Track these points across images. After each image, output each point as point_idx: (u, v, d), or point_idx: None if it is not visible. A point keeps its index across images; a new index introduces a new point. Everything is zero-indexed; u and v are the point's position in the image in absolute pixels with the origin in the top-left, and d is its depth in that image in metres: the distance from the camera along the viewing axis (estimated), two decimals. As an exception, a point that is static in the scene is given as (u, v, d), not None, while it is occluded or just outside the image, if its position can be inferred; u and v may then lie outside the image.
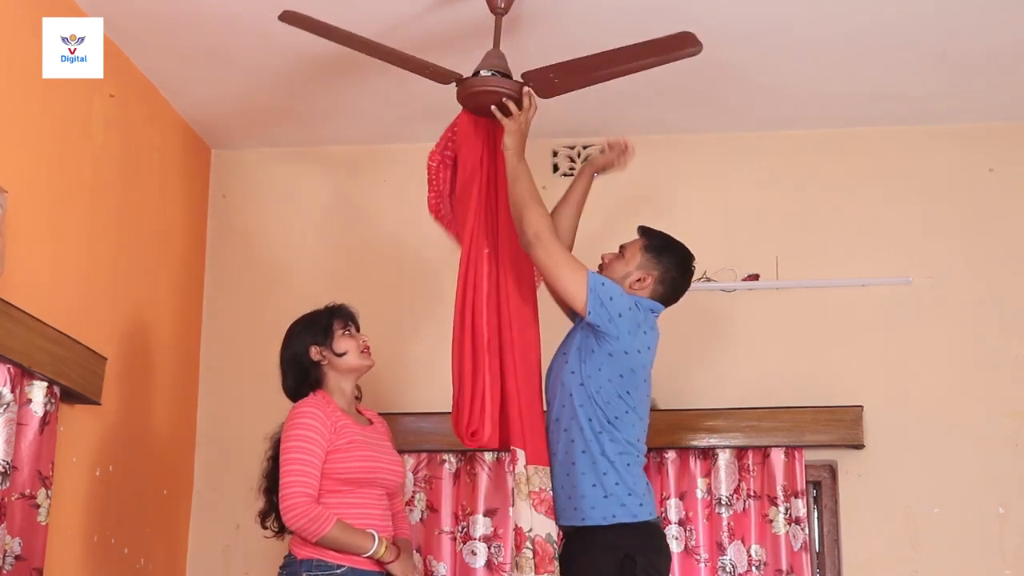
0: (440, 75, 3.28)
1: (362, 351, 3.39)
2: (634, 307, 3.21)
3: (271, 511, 3.31)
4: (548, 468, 3.20)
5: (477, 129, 3.38)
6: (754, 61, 3.85)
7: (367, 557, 3.17)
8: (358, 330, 3.44)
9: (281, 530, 3.30)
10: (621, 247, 3.37)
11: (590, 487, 3.13)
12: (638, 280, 3.30)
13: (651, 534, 3.17)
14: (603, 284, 3.18)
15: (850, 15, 3.59)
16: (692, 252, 3.39)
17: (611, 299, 3.16)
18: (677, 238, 3.40)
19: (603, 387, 3.18)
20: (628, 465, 3.16)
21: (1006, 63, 3.85)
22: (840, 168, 4.34)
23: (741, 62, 3.84)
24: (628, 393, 3.20)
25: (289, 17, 3.17)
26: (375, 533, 3.19)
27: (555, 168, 4.38)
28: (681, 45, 3.11)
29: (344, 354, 3.36)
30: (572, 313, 3.36)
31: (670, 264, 3.33)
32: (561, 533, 3.26)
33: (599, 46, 3.53)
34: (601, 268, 3.35)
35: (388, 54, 3.25)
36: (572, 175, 4.25)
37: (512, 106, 3.24)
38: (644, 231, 3.38)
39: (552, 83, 3.27)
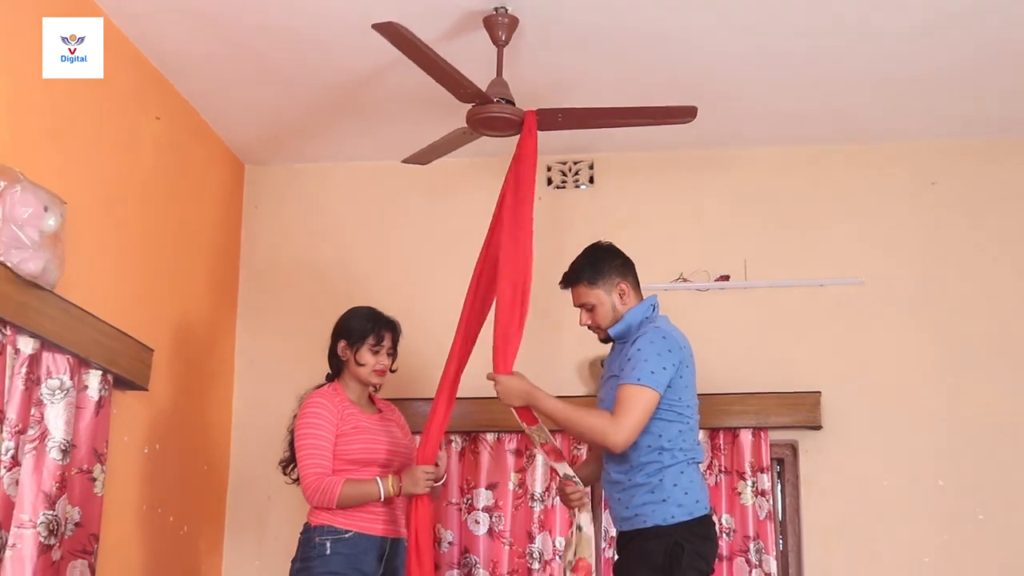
0: (467, 87, 3.29)
1: (375, 371, 3.44)
2: (661, 343, 3.16)
3: (291, 461, 3.44)
4: (539, 426, 3.23)
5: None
6: (726, 85, 3.94)
7: (383, 500, 3.28)
8: (391, 350, 3.47)
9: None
10: (582, 304, 3.33)
11: (648, 494, 3.15)
12: (619, 296, 3.30)
13: (702, 524, 3.17)
14: (653, 373, 3.11)
15: (808, 44, 3.67)
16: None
17: (664, 368, 3.12)
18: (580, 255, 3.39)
19: (672, 405, 3.17)
20: (682, 472, 3.16)
21: (944, 85, 3.93)
22: (801, 182, 4.44)
23: (715, 86, 3.92)
24: (689, 406, 3.22)
25: (383, 28, 3.11)
26: (377, 478, 3.29)
27: (549, 181, 4.49)
28: (680, 114, 3.41)
29: (362, 366, 3.45)
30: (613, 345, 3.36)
31: (611, 261, 3.32)
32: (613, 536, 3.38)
33: (590, 69, 3.77)
34: (598, 328, 3.33)
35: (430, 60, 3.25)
36: (563, 188, 4.48)
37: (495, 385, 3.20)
38: (570, 278, 3.33)
39: (556, 120, 3.42)
